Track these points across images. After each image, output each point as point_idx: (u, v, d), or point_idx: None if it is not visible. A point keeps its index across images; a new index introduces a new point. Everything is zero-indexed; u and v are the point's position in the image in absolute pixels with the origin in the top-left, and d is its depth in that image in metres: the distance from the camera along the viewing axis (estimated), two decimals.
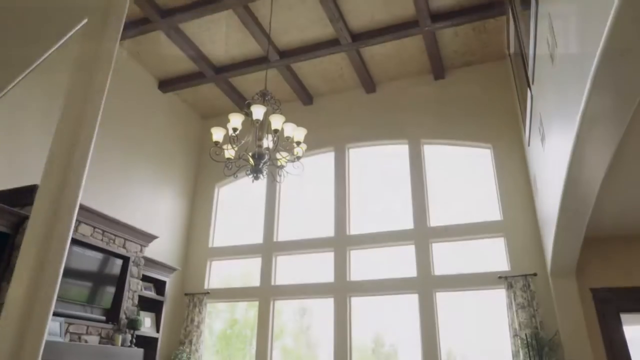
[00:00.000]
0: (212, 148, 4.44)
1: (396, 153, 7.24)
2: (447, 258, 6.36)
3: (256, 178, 4.39)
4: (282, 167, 4.60)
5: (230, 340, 7.44)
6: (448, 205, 6.63)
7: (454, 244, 6.39)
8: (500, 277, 5.82)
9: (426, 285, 6.21)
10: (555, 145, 3.52)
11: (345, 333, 6.35)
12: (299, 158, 4.59)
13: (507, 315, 5.66)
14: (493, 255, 6.15)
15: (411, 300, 6.27)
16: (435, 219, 6.58)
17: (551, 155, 3.85)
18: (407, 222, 6.66)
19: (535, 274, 5.70)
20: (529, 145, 5.60)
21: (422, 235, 6.48)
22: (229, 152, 4.56)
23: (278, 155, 4.55)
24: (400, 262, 6.55)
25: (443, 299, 6.18)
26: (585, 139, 2.71)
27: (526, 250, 5.93)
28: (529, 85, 4.63)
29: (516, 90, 6.18)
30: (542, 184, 4.82)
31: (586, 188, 3.39)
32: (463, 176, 6.75)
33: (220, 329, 7.53)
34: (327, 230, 7.06)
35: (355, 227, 6.98)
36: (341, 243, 6.87)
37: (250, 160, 4.44)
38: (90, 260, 5.24)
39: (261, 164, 4.38)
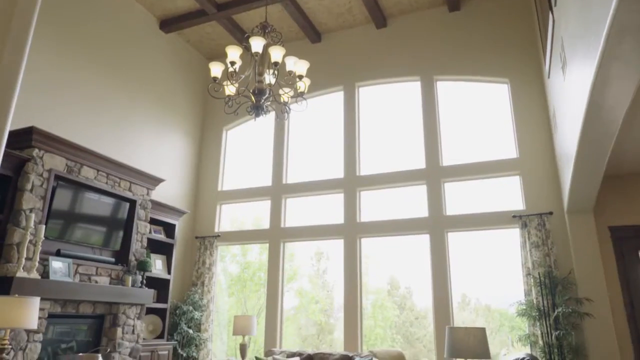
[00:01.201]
0: (210, 84, 4.22)
1: (408, 90, 6.93)
2: (460, 198, 6.19)
3: (257, 115, 4.19)
4: (285, 103, 4.38)
5: (245, 282, 7.53)
6: (462, 143, 6.39)
7: (467, 183, 6.20)
8: (514, 216, 5.66)
9: (438, 225, 6.09)
10: (578, 69, 3.23)
11: (356, 274, 6.32)
12: (302, 93, 4.35)
13: (521, 254, 5.54)
14: (508, 194, 5.95)
15: (423, 242, 6.18)
16: (448, 158, 6.36)
17: (572, 82, 3.56)
18: (418, 162, 6.46)
19: (551, 213, 5.51)
20: (548, 77, 5.26)
21: (434, 174, 6.29)
22: (229, 89, 4.34)
23: (280, 91, 4.31)
24: (411, 202, 6.41)
25: (455, 239, 6.07)
26: (611, 57, 2.43)
27: (542, 188, 5.72)
28: (550, 9, 4.25)
29: (537, 19, 5.75)
30: (562, 117, 4.53)
31: (609, 115, 3.13)
32: (477, 113, 6.45)
33: (236, 273, 7.62)
34: (336, 171, 6.91)
35: (365, 168, 6.81)
36: (351, 184, 6.73)
37: (251, 96, 4.22)
38: (97, 204, 5.20)
39: (262, 100, 4.17)
